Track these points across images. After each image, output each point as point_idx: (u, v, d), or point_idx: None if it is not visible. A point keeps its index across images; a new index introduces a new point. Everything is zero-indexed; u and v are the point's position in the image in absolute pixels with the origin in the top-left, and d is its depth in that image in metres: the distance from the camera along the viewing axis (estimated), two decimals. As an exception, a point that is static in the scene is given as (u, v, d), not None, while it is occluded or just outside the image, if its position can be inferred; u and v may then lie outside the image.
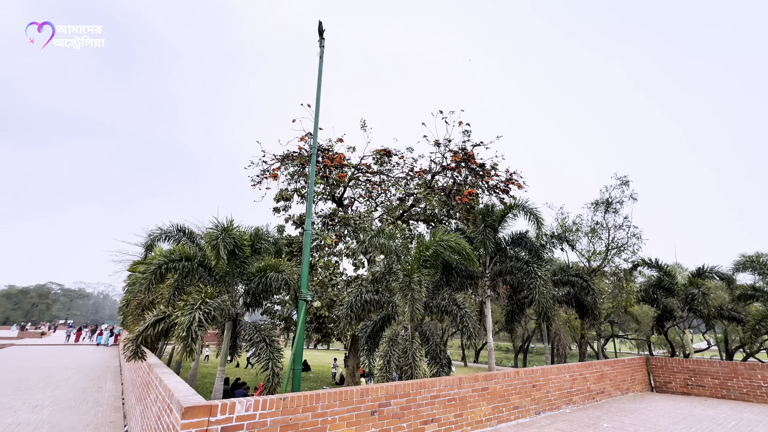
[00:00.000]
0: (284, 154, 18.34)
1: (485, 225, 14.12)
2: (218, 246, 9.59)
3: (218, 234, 9.66)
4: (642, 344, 43.45)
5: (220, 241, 9.55)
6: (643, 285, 19.97)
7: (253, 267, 10.73)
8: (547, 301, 13.00)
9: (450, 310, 11.22)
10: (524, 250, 14.89)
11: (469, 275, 14.07)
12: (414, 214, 18.71)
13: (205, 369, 27.16)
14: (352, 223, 16.77)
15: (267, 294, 10.96)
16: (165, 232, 13.72)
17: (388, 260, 12.47)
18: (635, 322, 26.66)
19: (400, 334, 10.36)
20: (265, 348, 9.54)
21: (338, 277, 15.72)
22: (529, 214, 13.83)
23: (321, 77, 11.99)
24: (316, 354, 51.64)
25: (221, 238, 9.62)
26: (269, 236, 12.28)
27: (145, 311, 12.26)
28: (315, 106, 12.12)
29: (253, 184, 17.90)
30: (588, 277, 16.70)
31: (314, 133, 12.02)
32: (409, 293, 10.03)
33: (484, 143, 17.55)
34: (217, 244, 9.61)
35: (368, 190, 19.53)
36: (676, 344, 31.55)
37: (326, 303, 14.76)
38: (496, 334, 48.01)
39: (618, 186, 22.21)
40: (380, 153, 19.30)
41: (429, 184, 18.40)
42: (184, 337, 7.95)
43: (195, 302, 8.71)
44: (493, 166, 17.75)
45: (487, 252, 14.02)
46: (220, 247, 9.56)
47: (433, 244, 11.11)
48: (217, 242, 9.60)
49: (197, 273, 10.38)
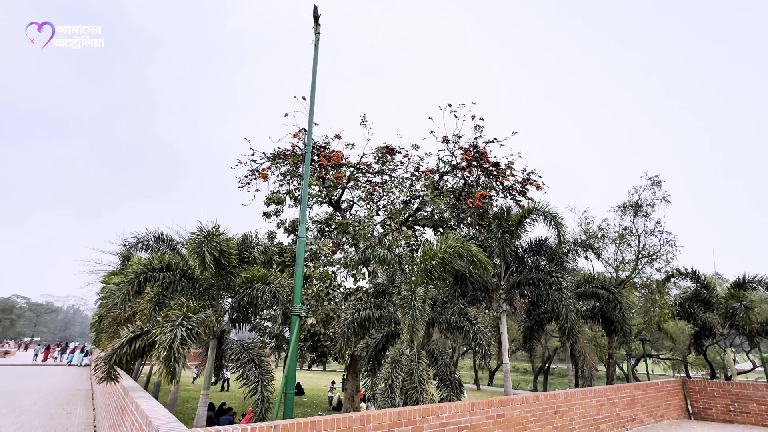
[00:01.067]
0: (275, 153, 18.42)
1: (500, 231, 14.11)
2: (203, 253, 9.61)
3: (202, 240, 9.68)
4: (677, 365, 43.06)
5: (204, 248, 9.58)
6: (678, 298, 19.85)
7: (241, 278, 10.75)
8: (571, 316, 12.94)
9: (461, 326, 11.16)
10: (544, 258, 14.84)
11: (482, 287, 14.04)
12: (420, 219, 18.71)
13: (187, 393, 27.12)
14: (351, 229, 16.78)
15: (256, 309, 10.94)
16: (141, 241, 13.78)
17: (389, 272, 12.46)
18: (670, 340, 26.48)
19: (404, 354, 10.32)
20: (253, 369, 9.53)
21: (335, 290, 15.71)
22: (550, 219, 13.80)
23: (316, 67, 12.07)
24: (310, 376, 51.47)
25: (205, 244, 9.64)
26: (259, 244, 12.28)
27: (121, 327, 12.28)
28: (310, 99, 12.19)
29: (241, 186, 17.97)
30: (616, 290, 16.63)
31: (309, 128, 12.08)
32: (410, 310, 10.00)
33: (498, 140, 17.58)
34: (201, 251, 9.63)
35: (369, 192, 19.56)
36: (717, 365, 31.27)
37: (322, 319, 14.74)
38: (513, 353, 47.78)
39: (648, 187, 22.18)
40: (382, 151, 19.36)
41: (437, 185, 18.41)
42: (166, 356, 7.94)
43: (176, 318, 8.72)
44: (509, 165, 17.75)
45: (502, 261, 13.99)
46: (205, 254, 9.59)
47: (441, 252, 11.09)
48: (201, 249, 9.62)
49: (179, 285, 10.41)
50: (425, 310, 10.29)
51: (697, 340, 19.00)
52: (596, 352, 29.49)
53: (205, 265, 9.56)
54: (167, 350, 8.01)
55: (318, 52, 12.21)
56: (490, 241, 14.06)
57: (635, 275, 22.09)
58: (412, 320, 10.04)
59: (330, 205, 19.59)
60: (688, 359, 37.45)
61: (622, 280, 21.92)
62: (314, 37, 12.22)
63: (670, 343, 32.73)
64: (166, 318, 8.83)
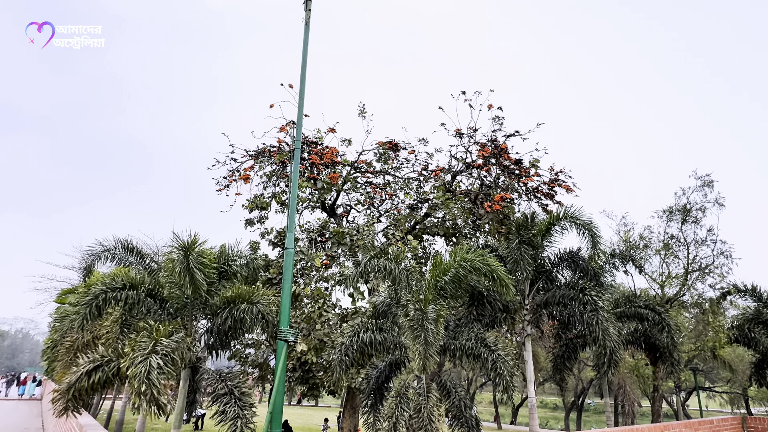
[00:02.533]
0: (259, 150, 18.54)
1: (524, 240, 14.13)
2: (191, 270, 9.63)
3: (184, 254, 9.74)
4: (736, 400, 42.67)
5: (192, 264, 9.60)
6: (736, 320, 19.73)
7: (220, 297, 10.81)
8: (609, 340, 12.91)
9: (478, 353, 11.14)
10: (576, 272, 14.82)
11: (503, 307, 14.02)
12: (429, 227, 18.73)
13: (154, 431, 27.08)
14: (348, 239, 16.82)
15: (236, 333, 10.95)
16: (107, 250, 13.86)
17: (394, 288, 12.45)
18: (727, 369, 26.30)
19: (411, 386, 10.30)
20: (232, 404, 9.53)
21: (330, 311, 15.72)
22: (583, 227, 13.82)
23: (306, 50, 12.18)
24: (300, 412, 51.32)
25: (193, 259, 9.68)
26: (240, 256, 12.36)
27: (79, 355, 12.32)
28: (299, 87, 12.28)
29: (219, 189, 18.06)
30: (662, 309, 16.55)
31: (298, 121, 12.15)
32: (421, 333, 10.01)
33: (520, 133, 17.62)
34: (188, 266, 9.64)
35: (369, 195, 19.61)
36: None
37: (314, 345, 14.74)
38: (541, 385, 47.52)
39: (699, 188, 22.21)
40: (384, 147, 19.45)
41: (449, 186, 18.44)
42: (146, 390, 8.01)
43: (146, 345, 8.79)
44: (534, 163, 17.74)
45: (526, 276, 14.00)
46: (194, 270, 9.62)
47: (454, 266, 11.11)
48: (187, 265, 9.64)
49: (145, 305, 10.48)
50: (439, 332, 10.29)
51: (760, 369, 18.85)
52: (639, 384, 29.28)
53: (196, 283, 9.66)
54: (146, 384, 8.06)
55: (309, 32, 12.33)
56: (512, 253, 14.07)
57: (684, 292, 22.04)
58: (424, 345, 10.04)
59: (323, 210, 19.62)
60: (748, 393, 37.12)
61: (668, 298, 21.86)
62: (304, 15, 12.34)
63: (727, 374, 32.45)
64: (134, 346, 8.89)
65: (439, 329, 10.29)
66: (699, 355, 25.87)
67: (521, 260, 13.86)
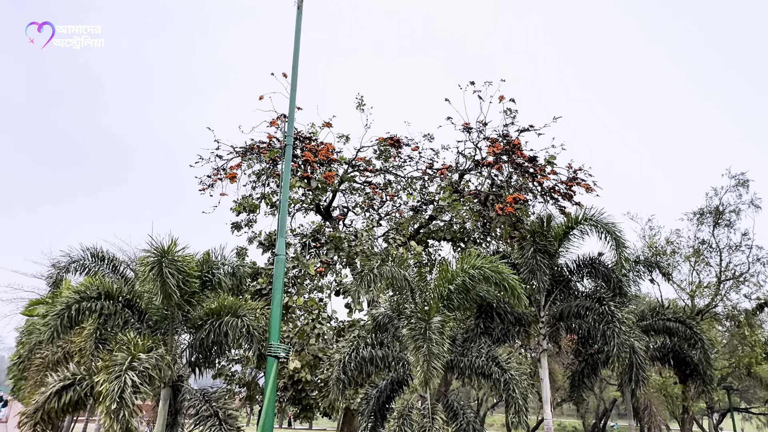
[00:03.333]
0: (247, 146, 18.57)
1: (539, 246, 14.11)
2: (164, 277, 9.61)
3: (160, 260, 9.73)
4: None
5: (166, 270, 9.58)
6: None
7: (203, 309, 10.80)
8: (634, 357, 12.87)
9: (488, 371, 11.09)
10: (597, 281, 14.80)
11: (516, 319, 13.99)
12: (434, 231, 18.71)
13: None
14: (345, 244, 16.81)
15: (222, 348, 10.95)
16: (75, 261, 13.88)
17: (399, 298, 12.43)
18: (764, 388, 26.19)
19: (415, 407, 10.28)
20: (217, 426, 9.52)
21: (325, 324, 15.71)
22: (604, 231, 13.79)
23: (299, 36, 12.23)
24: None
25: (167, 265, 9.67)
26: (225, 263, 12.34)
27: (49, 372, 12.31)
28: (291, 77, 12.34)
29: (203, 189, 18.08)
30: (692, 322, 16.51)
31: (290, 114, 12.19)
32: (423, 345, 9.98)
33: (535, 127, 17.64)
34: (162, 274, 9.62)
35: (368, 196, 19.59)
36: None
37: (308, 361, 14.72)
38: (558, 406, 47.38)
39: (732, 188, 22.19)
40: (385, 143, 19.45)
41: (456, 186, 18.42)
42: (116, 409, 7.99)
43: (123, 360, 8.77)
44: (550, 160, 17.75)
45: (542, 285, 13.97)
46: (167, 277, 9.60)
47: (461, 274, 11.08)
48: (161, 271, 9.63)
49: (122, 316, 10.47)
50: (443, 344, 10.28)
51: (800, 388, 18.81)
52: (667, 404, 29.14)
53: (167, 292, 9.64)
54: (117, 402, 8.05)
55: (301, 16, 12.38)
56: (526, 260, 14.05)
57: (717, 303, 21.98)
58: (426, 357, 10.01)
59: (317, 213, 19.59)
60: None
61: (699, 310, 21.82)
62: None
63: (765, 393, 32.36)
64: (109, 362, 8.88)
65: (444, 341, 10.27)
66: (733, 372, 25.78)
67: (537, 269, 13.82)
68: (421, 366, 10.04)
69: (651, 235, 24.25)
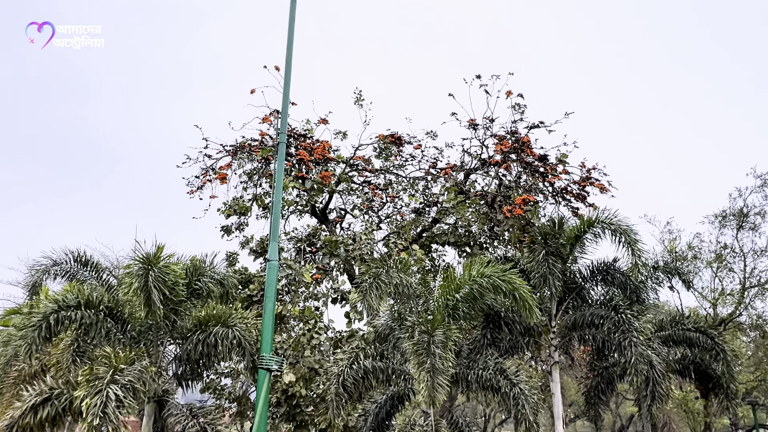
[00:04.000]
0: (238, 144, 18.59)
1: (550, 251, 14.11)
2: (149, 288, 9.61)
3: (146, 268, 9.71)
4: (805, 439, 42.42)
5: (152, 281, 9.58)
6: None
7: (192, 319, 10.79)
8: (652, 370, 12.84)
9: (495, 384, 11.09)
10: (612, 288, 14.79)
11: (525, 329, 13.98)
12: (438, 235, 18.70)
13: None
14: (343, 249, 16.80)
15: (210, 360, 10.89)
16: (57, 264, 13.89)
17: (399, 306, 12.42)
18: (792, 403, 26.10)
19: (417, 424, 10.27)
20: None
21: (321, 334, 15.70)
22: (620, 234, 13.79)
23: (293, 26, 12.25)
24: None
25: (153, 275, 9.66)
26: (214, 270, 12.35)
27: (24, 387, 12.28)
28: (285, 70, 12.34)
29: (191, 191, 18.09)
30: (714, 332, 16.48)
31: (283, 109, 12.19)
32: (427, 359, 9.97)
33: (545, 123, 17.65)
34: (147, 284, 9.61)
35: (367, 197, 19.60)
36: None
37: (303, 375, 14.70)
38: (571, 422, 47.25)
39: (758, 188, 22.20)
40: (385, 140, 19.46)
41: (461, 187, 18.42)
42: (99, 425, 7.98)
43: (104, 374, 8.78)
44: (561, 159, 17.75)
45: (553, 293, 13.96)
46: (152, 289, 9.60)
47: (468, 282, 11.07)
48: (146, 281, 9.62)
49: (103, 327, 10.46)
50: (448, 357, 10.27)
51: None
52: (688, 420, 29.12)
53: (151, 304, 9.63)
54: (100, 417, 8.04)
55: (296, 5, 12.40)
56: (536, 265, 14.04)
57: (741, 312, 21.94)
58: (431, 372, 10.00)
59: (313, 215, 19.59)
60: (819, 431, 36.84)
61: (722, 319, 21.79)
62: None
63: (793, 408, 32.29)
64: (89, 375, 8.87)
65: (449, 354, 10.27)
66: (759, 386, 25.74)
67: (548, 275, 13.81)
68: (425, 383, 10.01)
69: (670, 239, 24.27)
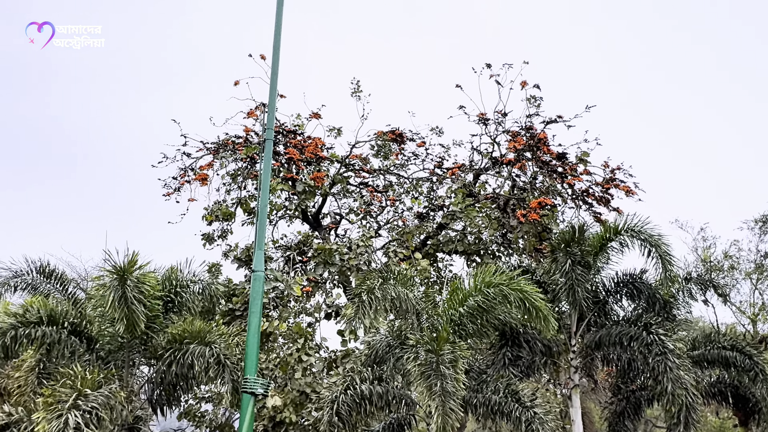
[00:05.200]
0: (220, 142, 18.54)
1: (570, 260, 14.05)
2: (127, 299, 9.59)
3: (116, 279, 9.69)
4: None
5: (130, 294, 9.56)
6: None
7: (166, 335, 10.74)
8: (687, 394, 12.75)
9: (507, 408, 11.02)
10: (639, 303, 14.73)
11: (543, 348, 13.93)
12: (444, 242, 18.60)
13: None
14: (338, 257, 16.75)
15: (188, 383, 10.84)
16: (17, 275, 13.88)
17: (400, 323, 12.36)
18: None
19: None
20: (183, 479, 9.43)
21: (313, 354, 15.65)
22: (649, 243, 13.72)
23: (282, 8, 12.25)
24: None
25: (131, 288, 9.64)
26: (194, 281, 12.31)
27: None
28: (272, 58, 12.33)
29: (167, 193, 18.04)
30: (754, 351, 16.40)
31: (270, 102, 12.18)
32: (437, 382, 9.90)
33: (564, 118, 17.62)
34: (125, 295, 9.60)
35: (365, 201, 19.55)
36: None
37: (292, 399, 14.65)
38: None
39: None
40: (385, 137, 19.43)
41: (470, 189, 18.38)
42: None
43: (66, 397, 8.73)
44: (582, 158, 17.70)
45: (573, 307, 13.90)
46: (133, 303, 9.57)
47: (473, 293, 11.05)
48: (123, 292, 9.61)
49: (68, 345, 10.42)
50: (459, 378, 10.21)
51: None
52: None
53: (133, 319, 9.60)
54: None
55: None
56: (554, 276, 14.00)
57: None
58: (442, 397, 9.94)
59: (304, 221, 19.53)
60: None
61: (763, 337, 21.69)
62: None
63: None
64: (50, 398, 8.83)
65: (460, 375, 10.20)
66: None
67: (567, 287, 13.74)
68: (438, 409, 9.92)
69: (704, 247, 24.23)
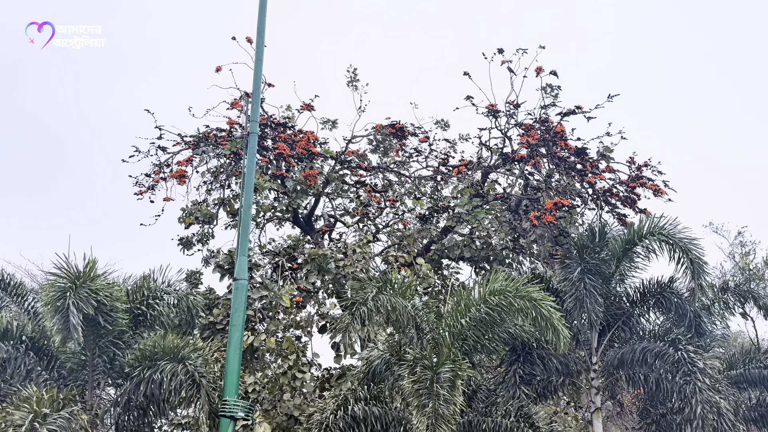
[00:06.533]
0: (200, 135, 18.54)
1: (588, 267, 14.01)
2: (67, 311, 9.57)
3: (68, 286, 9.67)
4: None
5: (69, 301, 9.54)
6: None
7: (133, 352, 10.69)
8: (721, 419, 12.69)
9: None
10: (668, 316, 14.67)
11: (559, 366, 13.86)
12: (450, 247, 18.57)
13: None
14: (332, 264, 16.72)
15: (159, 407, 10.80)
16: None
17: (399, 336, 12.30)
18: None
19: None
20: None
21: (304, 372, 15.63)
22: (678, 248, 13.65)
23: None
24: None
25: (73, 295, 9.63)
26: (170, 292, 12.29)
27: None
28: (256, 41, 12.31)
29: (140, 192, 18.03)
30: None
31: (254, 92, 12.13)
32: (429, 401, 9.85)
33: (583, 109, 17.57)
34: (65, 306, 9.58)
35: (362, 201, 19.53)
36: None
37: (279, 423, 14.62)
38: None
39: None
40: (385, 131, 19.41)
41: (478, 188, 18.36)
42: None
43: (22, 420, 8.69)
44: (604, 153, 17.65)
45: (594, 320, 13.84)
46: (71, 311, 9.54)
47: (476, 303, 11.04)
48: (64, 303, 9.60)
49: (24, 363, 10.39)
50: (455, 402, 10.16)
51: None
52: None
53: (68, 330, 9.55)
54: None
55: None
56: (572, 285, 13.92)
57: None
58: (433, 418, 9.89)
59: (295, 223, 19.51)
60: None
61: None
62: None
63: None
64: (3, 421, 8.85)
65: (457, 396, 10.16)
66: None
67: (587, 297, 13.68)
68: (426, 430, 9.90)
69: (742, 253, 24.15)
